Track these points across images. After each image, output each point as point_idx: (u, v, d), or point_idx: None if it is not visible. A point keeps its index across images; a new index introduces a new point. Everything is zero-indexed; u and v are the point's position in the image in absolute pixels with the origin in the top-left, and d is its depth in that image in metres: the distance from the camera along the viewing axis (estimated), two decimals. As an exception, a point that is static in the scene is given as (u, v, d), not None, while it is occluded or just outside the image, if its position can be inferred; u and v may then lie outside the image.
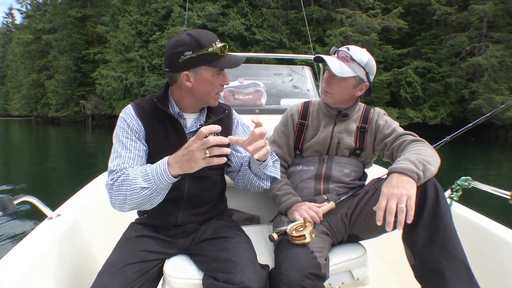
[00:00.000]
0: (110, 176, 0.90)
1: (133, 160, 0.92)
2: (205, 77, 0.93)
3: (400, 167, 0.87)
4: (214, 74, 0.93)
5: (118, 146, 0.94)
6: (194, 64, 0.91)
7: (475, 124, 1.38)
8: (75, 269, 1.08)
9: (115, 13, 20.57)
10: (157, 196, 0.87)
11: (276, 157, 1.08)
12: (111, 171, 0.90)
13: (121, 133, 0.95)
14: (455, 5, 15.36)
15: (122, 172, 0.88)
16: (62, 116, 27.67)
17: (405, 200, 0.81)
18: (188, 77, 0.93)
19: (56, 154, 10.27)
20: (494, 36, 14.24)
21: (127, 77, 18.72)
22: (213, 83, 0.94)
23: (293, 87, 2.39)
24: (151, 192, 0.84)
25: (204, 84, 0.94)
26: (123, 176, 0.87)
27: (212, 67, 0.92)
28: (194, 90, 0.95)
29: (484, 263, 1.03)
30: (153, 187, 0.84)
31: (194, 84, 0.93)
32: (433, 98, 15.11)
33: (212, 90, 0.96)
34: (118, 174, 0.88)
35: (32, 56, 30.62)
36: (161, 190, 0.86)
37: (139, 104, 0.99)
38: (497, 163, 8.33)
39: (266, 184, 1.04)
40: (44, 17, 30.63)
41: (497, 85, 13.73)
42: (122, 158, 0.91)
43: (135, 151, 0.93)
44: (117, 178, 0.87)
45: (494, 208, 1.82)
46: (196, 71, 0.92)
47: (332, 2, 17.21)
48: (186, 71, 0.92)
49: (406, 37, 16.60)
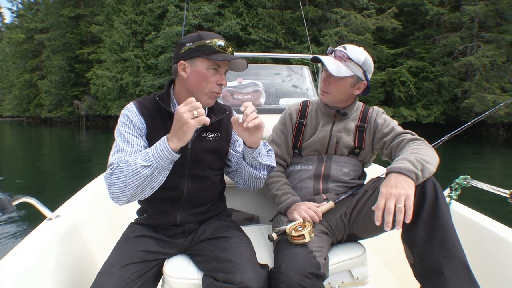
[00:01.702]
0: (109, 168, 0.89)
1: (134, 155, 0.90)
2: (199, 69, 0.94)
3: (398, 167, 0.87)
4: (210, 69, 0.94)
5: (119, 140, 0.93)
6: (191, 54, 0.93)
7: (474, 123, 1.40)
8: (75, 270, 1.08)
9: (110, 13, 20.38)
10: (159, 176, 0.86)
11: (269, 146, 1.08)
12: (111, 163, 0.89)
13: (123, 128, 0.95)
14: (447, 5, 15.56)
15: (120, 160, 0.87)
16: (55, 116, 27.32)
17: (404, 200, 0.81)
18: (185, 67, 0.95)
19: (51, 154, 10.12)
20: (485, 37, 14.45)
21: (122, 77, 18.57)
22: (207, 77, 0.94)
23: (292, 86, 2.40)
24: (152, 170, 0.83)
25: (197, 76, 0.94)
26: (122, 163, 0.86)
27: (207, 60, 0.93)
28: (188, 82, 0.95)
29: (484, 262, 1.04)
30: (153, 165, 0.83)
31: (188, 75, 0.95)
32: (427, 97, 15.29)
33: (205, 86, 0.95)
34: (117, 163, 0.87)
35: (24, 56, 30.15)
36: (162, 168, 0.85)
37: (141, 103, 1.00)
38: (489, 160, 8.51)
39: (263, 173, 1.04)
40: (36, 16, 30.20)
41: (489, 84, 13.94)
42: (123, 151, 0.90)
43: (137, 146, 0.93)
44: (116, 167, 0.86)
45: (488, 204, 1.84)
46: (192, 62, 0.94)
47: (327, 2, 17.29)
48: (183, 61, 0.94)
49: (399, 37, 16.77)
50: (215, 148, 1.04)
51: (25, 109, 32.66)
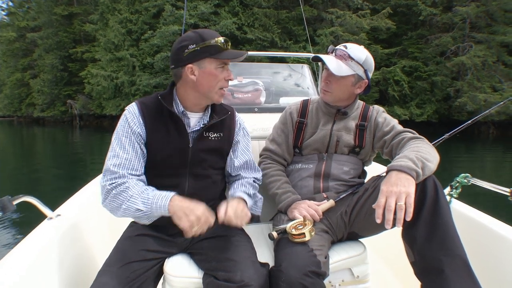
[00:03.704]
0: (107, 176, 0.91)
1: (129, 162, 0.93)
2: (208, 70, 0.94)
3: (399, 165, 0.88)
4: (218, 67, 0.95)
5: (116, 144, 0.95)
6: (197, 56, 0.92)
7: (474, 121, 1.41)
8: (76, 269, 1.08)
9: (104, 12, 20.12)
10: (146, 220, 0.94)
11: (258, 196, 1.14)
12: (108, 170, 0.91)
13: (122, 131, 0.96)
14: (440, 6, 15.74)
15: (122, 182, 0.90)
16: (48, 116, 26.88)
17: (404, 197, 0.82)
18: (193, 70, 0.94)
19: (44, 154, 9.97)
20: (476, 37, 14.69)
21: (118, 76, 18.35)
22: (217, 76, 0.95)
23: (292, 85, 2.39)
24: (143, 214, 0.91)
25: (208, 77, 0.95)
26: (122, 187, 0.90)
27: (215, 59, 0.93)
28: (198, 84, 0.96)
29: (484, 260, 1.04)
30: (147, 212, 0.90)
31: (198, 78, 0.95)
32: (420, 96, 15.46)
33: (216, 84, 0.96)
34: (117, 182, 0.90)
35: (15, 54, 29.58)
36: (152, 217, 0.93)
37: (144, 102, 1.00)
38: (481, 157, 8.70)
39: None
40: (27, 14, 29.65)
41: (480, 83, 14.16)
42: (119, 158, 0.92)
43: (133, 153, 0.95)
44: (115, 185, 0.90)
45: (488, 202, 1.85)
46: (200, 64, 0.94)
47: (322, 2, 17.35)
48: (190, 64, 0.93)
49: (393, 36, 16.90)
50: (217, 147, 1.04)
51: (17, 108, 32.06)
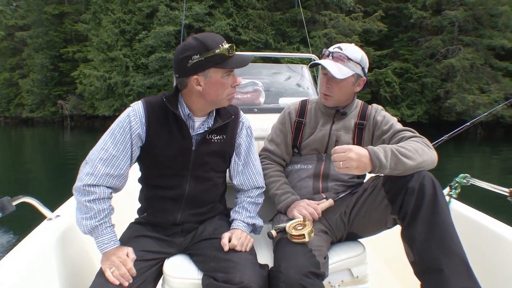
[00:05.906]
0: (87, 178, 0.91)
1: (116, 159, 0.93)
2: (215, 80, 0.93)
3: (372, 149, 0.92)
4: (224, 76, 0.93)
5: (109, 138, 0.94)
6: (202, 67, 0.90)
7: (474, 123, 1.44)
8: (75, 269, 1.07)
9: (97, 11, 19.82)
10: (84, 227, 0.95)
11: (259, 199, 1.15)
12: (92, 164, 0.92)
13: (119, 127, 0.95)
14: (429, 9, 16.06)
15: (94, 192, 0.92)
16: (37, 116, 26.27)
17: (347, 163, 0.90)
18: (198, 81, 0.92)
19: (35, 156, 9.75)
20: (464, 40, 15.07)
21: (111, 76, 18.09)
22: (223, 85, 0.94)
23: (291, 85, 2.40)
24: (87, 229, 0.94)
25: (214, 87, 0.93)
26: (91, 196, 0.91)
27: (221, 69, 0.92)
28: (206, 94, 0.94)
29: (483, 259, 1.05)
30: (85, 230, 0.94)
31: (204, 88, 0.93)
32: (411, 97, 15.75)
33: (223, 92, 0.95)
34: (92, 190, 0.91)
35: (3, 53, 28.86)
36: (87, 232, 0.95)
37: (150, 102, 0.98)
38: (468, 157, 8.98)
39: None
40: (16, 12, 28.97)
41: (469, 85, 14.53)
42: (107, 152, 0.92)
43: (123, 151, 0.94)
44: (88, 193, 0.91)
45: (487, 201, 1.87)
46: (205, 74, 0.92)
47: (315, 4, 17.49)
48: (196, 75, 0.92)
49: (384, 38, 17.16)
50: (219, 150, 1.04)
51: (5, 108, 31.23)
